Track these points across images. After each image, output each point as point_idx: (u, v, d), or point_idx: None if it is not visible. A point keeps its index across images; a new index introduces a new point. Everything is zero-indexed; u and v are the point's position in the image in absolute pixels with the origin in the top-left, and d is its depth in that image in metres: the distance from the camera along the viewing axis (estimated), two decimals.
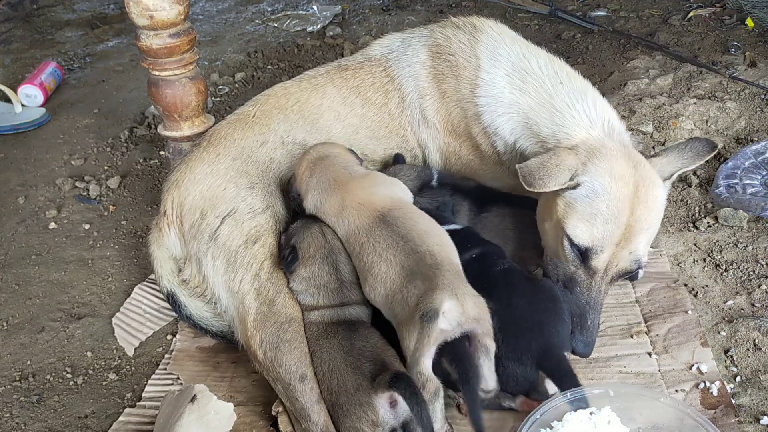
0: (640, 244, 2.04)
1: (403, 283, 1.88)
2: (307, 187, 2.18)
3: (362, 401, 1.79)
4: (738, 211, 2.53)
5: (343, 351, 1.92)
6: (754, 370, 2.01)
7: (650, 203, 2.04)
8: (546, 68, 2.31)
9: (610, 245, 2.02)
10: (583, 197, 2.05)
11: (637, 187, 2.03)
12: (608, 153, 2.07)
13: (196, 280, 2.26)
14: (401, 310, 1.87)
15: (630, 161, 2.07)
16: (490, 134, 2.38)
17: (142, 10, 2.49)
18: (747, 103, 3.10)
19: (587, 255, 2.04)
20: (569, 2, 4.53)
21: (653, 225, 2.07)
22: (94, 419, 2.14)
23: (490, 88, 2.35)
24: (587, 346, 2.03)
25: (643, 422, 1.81)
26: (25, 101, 4.01)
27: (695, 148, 2.18)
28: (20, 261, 2.84)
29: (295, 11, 5.01)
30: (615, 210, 2.01)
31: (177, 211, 2.28)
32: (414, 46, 2.54)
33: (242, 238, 2.18)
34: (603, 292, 2.07)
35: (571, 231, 2.05)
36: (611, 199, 2.02)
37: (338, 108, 2.53)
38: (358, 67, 2.60)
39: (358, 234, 2.04)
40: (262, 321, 2.05)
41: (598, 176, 2.04)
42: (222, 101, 3.92)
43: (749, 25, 3.76)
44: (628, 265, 2.04)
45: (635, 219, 2.02)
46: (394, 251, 1.94)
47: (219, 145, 2.38)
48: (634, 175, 2.04)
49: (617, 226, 2.01)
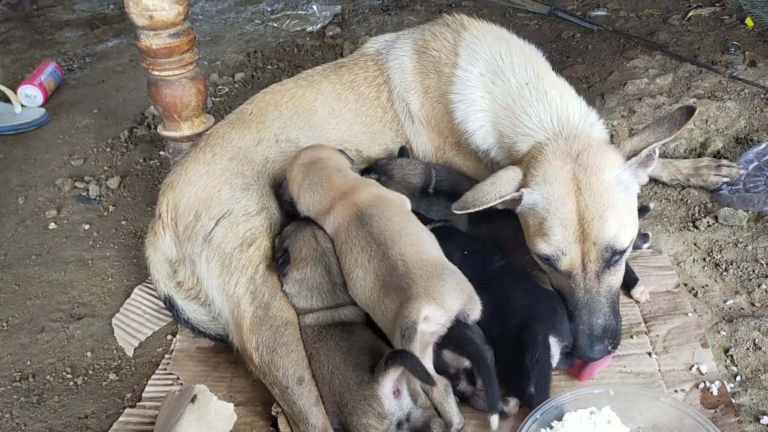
0: (601, 231, 1.98)
1: (379, 296, 1.89)
2: (299, 191, 2.19)
3: (366, 395, 1.80)
4: (738, 210, 2.53)
5: (341, 351, 1.92)
6: (754, 369, 2.01)
7: (595, 189, 2.00)
8: (518, 67, 2.31)
9: (571, 245, 1.99)
10: (527, 210, 2.07)
11: (577, 179, 2.01)
12: (545, 156, 2.08)
13: (190, 282, 2.26)
14: (384, 324, 1.90)
15: (568, 156, 2.05)
16: (462, 132, 2.41)
17: (141, 11, 2.49)
18: (747, 102, 3.10)
19: (552, 263, 2.02)
20: (569, 2, 4.53)
21: (607, 208, 1.99)
22: (94, 419, 2.14)
23: (462, 86, 2.38)
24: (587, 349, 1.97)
25: (643, 422, 1.81)
26: (25, 101, 4.01)
27: (673, 118, 2.08)
28: (20, 261, 2.84)
29: (294, 11, 5.01)
30: (558, 211, 2.00)
31: (172, 213, 2.28)
32: (404, 41, 2.59)
33: (237, 240, 2.17)
34: (593, 291, 2.00)
35: (531, 245, 2.07)
36: (550, 202, 2.01)
37: (332, 103, 2.55)
38: (352, 64, 2.64)
39: (339, 233, 2.06)
40: (258, 325, 2.05)
41: (534, 185, 2.05)
42: (222, 101, 3.92)
43: (749, 24, 3.75)
44: (600, 255, 1.99)
45: (584, 210, 1.99)
46: (368, 255, 1.95)
47: (216, 146, 2.38)
48: (572, 168, 2.03)
49: (568, 224, 1.99)
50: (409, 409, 1.83)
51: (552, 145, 2.11)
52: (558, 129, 2.16)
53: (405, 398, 1.82)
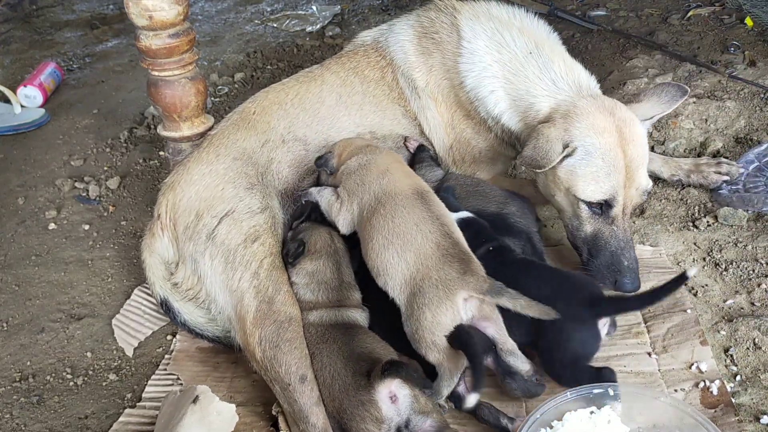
0: (642, 178, 2.24)
1: (438, 261, 1.93)
2: (353, 152, 2.25)
3: (363, 400, 1.80)
4: (738, 210, 2.53)
5: (343, 356, 1.92)
6: (753, 369, 2.01)
7: (637, 140, 2.24)
8: (518, 39, 2.47)
9: (620, 190, 2.21)
10: (580, 161, 2.22)
11: (621, 131, 2.21)
12: (583, 111, 2.25)
13: (189, 282, 2.25)
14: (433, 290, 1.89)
15: (605, 110, 2.25)
16: (473, 100, 2.53)
17: (141, 11, 2.49)
18: (746, 102, 3.10)
19: (605, 208, 2.23)
20: (569, 2, 4.53)
21: (646, 157, 2.27)
22: (95, 420, 2.14)
23: (471, 56, 2.52)
24: (634, 282, 2.19)
25: (643, 421, 1.81)
26: (25, 102, 4.01)
27: (669, 92, 2.38)
28: (20, 262, 2.84)
29: (294, 11, 5.01)
30: (611, 159, 2.19)
31: (171, 214, 2.28)
32: (401, 27, 2.70)
33: (241, 236, 2.17)
34: (628, 230, 2.25)
35: (582, 194, 2.23)
36: (604, 151, 2.19)
37: (339, 90, 2.61)
38: (352, 53, 2.72)
39: (396, 196, 2.08)
40: (261, 319, 2.05)
41: (585, 136, 2.21)
42: (221, 101, 3.92)
43: (748, 24, 3.75)
44: (639, 199, 2.26)
45: (630, 159, 2.21)
46: (430, 228, 2.00)
47: (220, 146, 2.38)
48: (614, 121, 2.23)
49: (619, 172, 2.20)
50: (407, 416, 1.81)
51: (584, 102, 2.28)
52: (575, 89, 2.35)
53: (402, 404, 1.81)
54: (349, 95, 2.60)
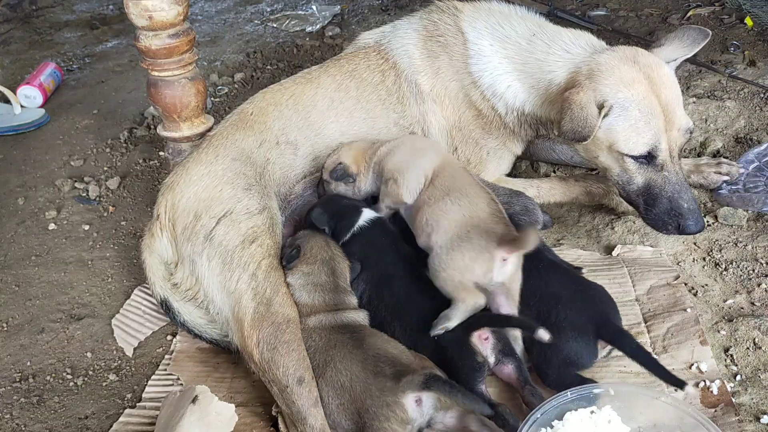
0: (682, 117, 2.25)
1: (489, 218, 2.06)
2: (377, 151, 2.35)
3: (389, 401, 1.82)
4: (738, 210, 2.53)
5: (357, 359, 1.93)
6: (754, 368, 2.01)
7: (667, 82, 2.25)
8: (519, 28, 2.50)
9: (662, 135, 2.22)
10: (617, 117, 2.22)
11: (650, 77, 2.22)
12: (607, 66, 2.25)
13: (188, 283, 2.25)
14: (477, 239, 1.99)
15: (628, 59, 2.25)
16: (489, 97, 2.54)
17: (141, 11, 2.49)
18: (746, 102, 3.10)
19: (652, 157, 2.24)
20: (568, 1, 4.53)
21: (679, 97, 2.27)
22: (95, 420, 2.14)
23: (480, 56, 2.53)
24: (697, 222, 2.23)
25: (644, 421, 1.81)
26: (25, 102, 4.01)
27: (691, 36, 2.38)
28: (20, 262, 2.84)
29: (294, 11, 5.01)
30: (647, 108, 2.20)
31: (170, 214, 2.28)
32: (404, 30, 2.68)
33: (239, 238, 2.17)
34: (680, 172, 2.27)
35: (626, 149, 2.24)
36: (638, 102, 2.20)
37: (332, 95, 2.59)
38: (352, 56, 2.69)
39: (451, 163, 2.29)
40: (259, 321, 2.05)
41: (615, 92, 2.21)
42: (221, 102, 3.92)
43: (748, 24, 3.75)
44: (683, 139, 2.27)
45: (665, 102, 2.22)
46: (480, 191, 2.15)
47: (219, 146, 2.38)
48: (640, 68, 2.23)
49: (657, 118, 2.21)
50: (430, 416, 1.86)
51: (605, 56, 2.28)
52: (590, 48, 2.37)
53: (426, 406, 1.84)
54: (341, 101, 2.58)
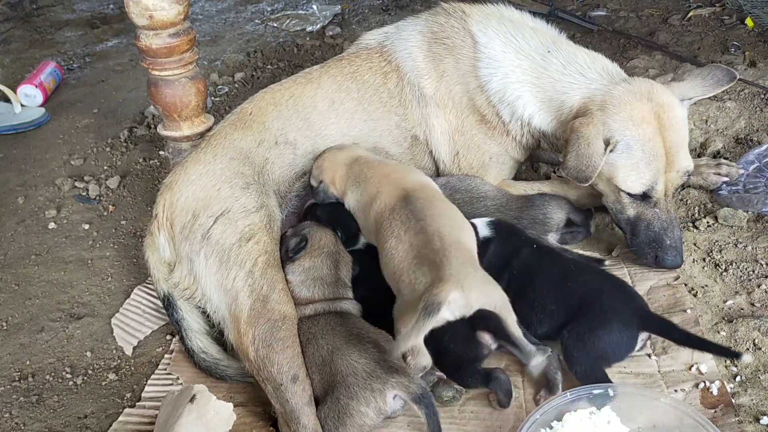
0: (683, 160, 2.25)
1: (410, 265, 1.94)
2: (346, 188, 2.28)
3: (375, 388, 1.85)
4: (738, 210, 2.53)
5: (342, 335, 1.96)
6: (753, 369, 2.01)
7: (676, 125, 2.24)
8: (532, 41, 2.46)
9: (660, 177, 2.24)
10: (620, 154, 2.23)
11: (659, 118, 2.22)
12: (620, 100, 2.24)
13: (186, 282, 2.25)
14: (408, 292, 1.92)
15: (642, 96, 2.23)
16: (495, 103, 2.50)
17: (141, 10, 2.49)
18: (746, 102, 3.10)
19: (646, 196, 2.26)
20: (569, 2, 4.53)
21: (685, 140, 2.27)
22: (94, 419, 2.14)
23: (490, 60, 2.48)
24: (675, 258, 2.26)
25: (643, 422, 1.81)
26: (25, 101, 4.01)
27: (716, 76, 2.35)
28: (20, 261, 2.84)
29: (294, 11, 5.01)
30: (651, 149, 2.21)
31: (168, 213, 2.28)
32: (409, 32, 2.63)
33: (236, 236, 2.17)
34: (671, 210, 2.29)
35: (623, 186, 2.26)
36: (643, 142, 2.21)
37: (333, 95, 2.57)
38: (354, 56, 2.66)
39: (384, 212, 2.11)
40: (255, 318, 2.05)
41: (624, 129, 2.21)
42: (221, 101, 3.92)
43: (749, 24, 3.75)
44: (680, 181, 2.29)
45: (670, 145, 2.22)
46: (405, 227, 2.02)
47: (218, 146, 2.38)
48: (652, 108, 2.22)
49: (658, 160, 2.22)
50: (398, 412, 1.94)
51: (619, 89, 2.27)
52: (607, 78, 2.34)
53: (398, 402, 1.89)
54: (342, 102, 2.57)
